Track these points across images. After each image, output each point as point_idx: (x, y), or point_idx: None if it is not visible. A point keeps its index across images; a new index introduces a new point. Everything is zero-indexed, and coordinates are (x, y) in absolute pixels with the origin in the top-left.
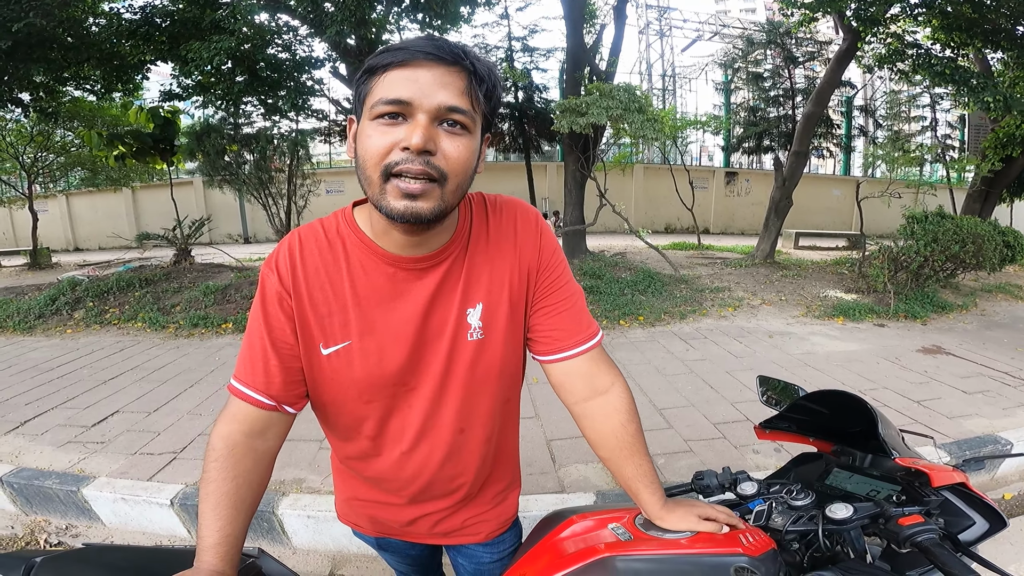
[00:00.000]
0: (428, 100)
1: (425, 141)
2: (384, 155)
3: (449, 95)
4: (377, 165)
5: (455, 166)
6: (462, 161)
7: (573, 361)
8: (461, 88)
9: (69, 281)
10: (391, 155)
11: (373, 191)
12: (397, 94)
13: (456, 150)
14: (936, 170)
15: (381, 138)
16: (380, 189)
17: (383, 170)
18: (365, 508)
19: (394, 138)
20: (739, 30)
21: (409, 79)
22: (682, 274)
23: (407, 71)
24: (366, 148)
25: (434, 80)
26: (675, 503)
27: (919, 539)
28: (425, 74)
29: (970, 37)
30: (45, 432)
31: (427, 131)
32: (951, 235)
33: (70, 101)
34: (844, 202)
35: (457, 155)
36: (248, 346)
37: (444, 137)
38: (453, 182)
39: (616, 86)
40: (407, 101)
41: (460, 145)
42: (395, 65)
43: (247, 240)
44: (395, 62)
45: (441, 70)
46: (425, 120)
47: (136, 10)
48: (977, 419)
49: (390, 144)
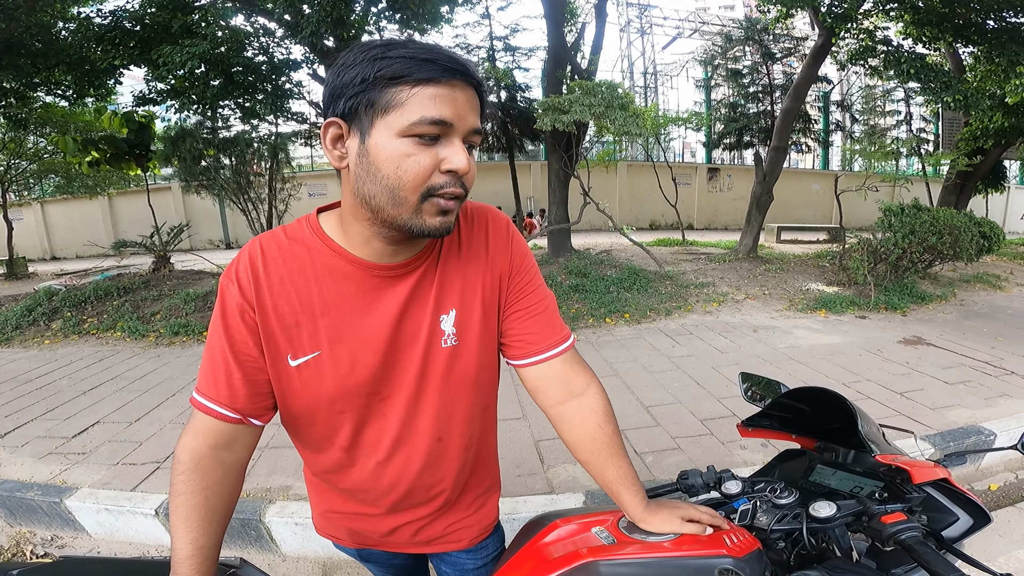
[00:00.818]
0: (464, 123)
1: (470, 166)
2: (426, 177)
3: (476, 118)
4: (418, 188)
5: (471, 181)
6: (474, 175)
7: (547, 364)
8: (478, 108)
9: (46, 291)
10: (433, 177)
11: (404, 212)
12: (442, 115)
13: (472, 167)
14: (912, 163)
15: (423, 159)
16: (415, 209)
17: (424, 192)
18: (343, 520)
19: (434, 160)
20: (718, 27)
21: (449, 100)
22: (667, 270)
23: (444, 89)
24: (405, 168)
25: (468, 102)
26: (658, 505)
27: (902, 537)
28: (461, 95)
29: (941, 32)
30: (25, 444)
31: (468, 155)
32: (928, 227)
33: (41, 107)
34: (824, 196)
35: (473, 171)
36: (209, 359)
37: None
38: (466, 196)
39: (597, 83)
40: (449, 122)
41: (473, 161)
42: (432, 82)
43: (228, 246)
44: (431, 78)
45: (470, 91)
46: (460, 141)
47: (106, 14)
48: (960, 410)
49: (432, 166)
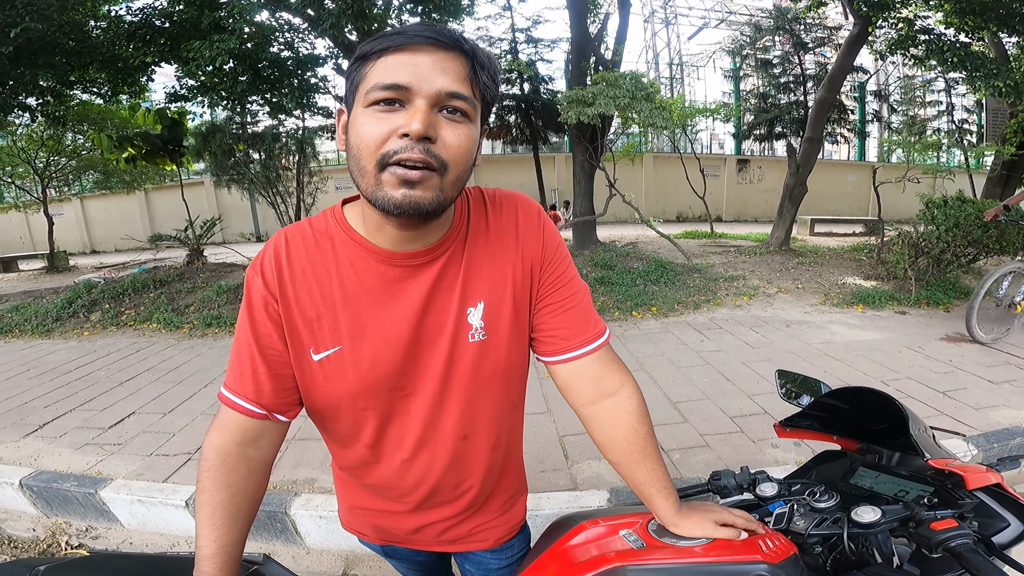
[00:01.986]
0: (428, 85)
1: (426, 127)
2: (381, 143)
3: (450, 80)
4: (373, 154)
5: (455, 155)
6: (463, 150)
7: (580, 361)
8: (462, 74)
9: (85, 284)
10: (388, 143)
11: (367, 182)
12: (395, 79)
13: (456, 138)
14: (954, 155)
15: (377, 125)
16: (375, 180)
17: (379, 159)
18: (368, 516)
19: (391, 125)
20: (746, 16)
21: (407, 63)
22: (695, 263)
23: (405, 55)
24: (360, 136)
25: (434, 65)
26: (690, 508)
27: (952, 544)
28: (424, 59)
29: (984, 21)
30: (63, 435)
31: (427, 117)
32: (973, 220)
33: (78, 105)
34: (859, 188)
35: (458, 143)
36: (236, 353)
37: (444, 125)
38: (453, 172)
39: (622, 74)
40: (405, 86)
41: (460, 133)
42: (392, 50)
43: (259, 238)
44: (392, 46)
45: (441, 55)
46: (424, 106)
47: (136, 12)
48: (1005, 410)
49: (387, 132)
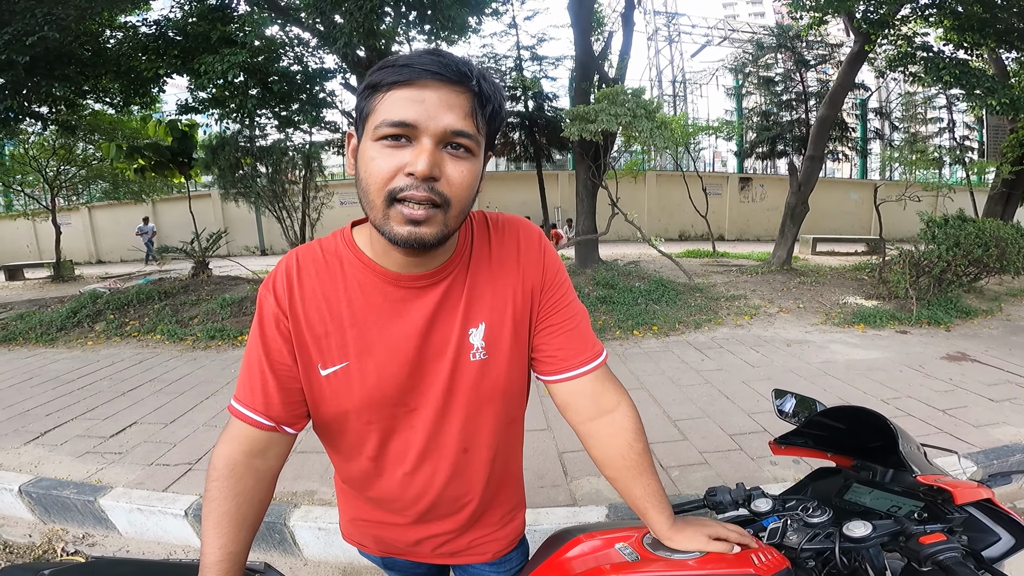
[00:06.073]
0: (434, 123)
1: (431, 167)
2: (388, 180)
3: (455, 118)
4: (381, 190)
5: (458, 191)
6: (465, 186)
7: (578, 381)
8: (467, 110)
9: (91, 294)
10: (395, 180)
11: (376, 214)
12: (402, 116)
13: (460, 175)
14: (955, 172)
15: (385, 161)
16: (383, 214)
17: (387, 195)
18: (369, 528)
19: (399, 162)
20: (748, 34)
21: (414, 100)
22: (696, 282)
23: (412, 91)
24: (369, 171)
25: (440, 101)
26: (684, 522)
27: (941, 558)
28: (431, 95)
29: (983, 37)
30: (64, 442)
31: (432, 157)
32: (974, 239)
33: (90, 114)
34: (862, 206)
35: (460, 180)
36: (247, 367)
37: (448, 161)
38: (456, 207)
39: (623, 91)
40: (412, 124)
41: (464, 170)
42: (400, 84)
43: (263, 252)
44: (400, 80)
45: (447, 90)
46: (430, 145)
47: (151, 24)
48: (1005, 427)
49: (395, 168)
